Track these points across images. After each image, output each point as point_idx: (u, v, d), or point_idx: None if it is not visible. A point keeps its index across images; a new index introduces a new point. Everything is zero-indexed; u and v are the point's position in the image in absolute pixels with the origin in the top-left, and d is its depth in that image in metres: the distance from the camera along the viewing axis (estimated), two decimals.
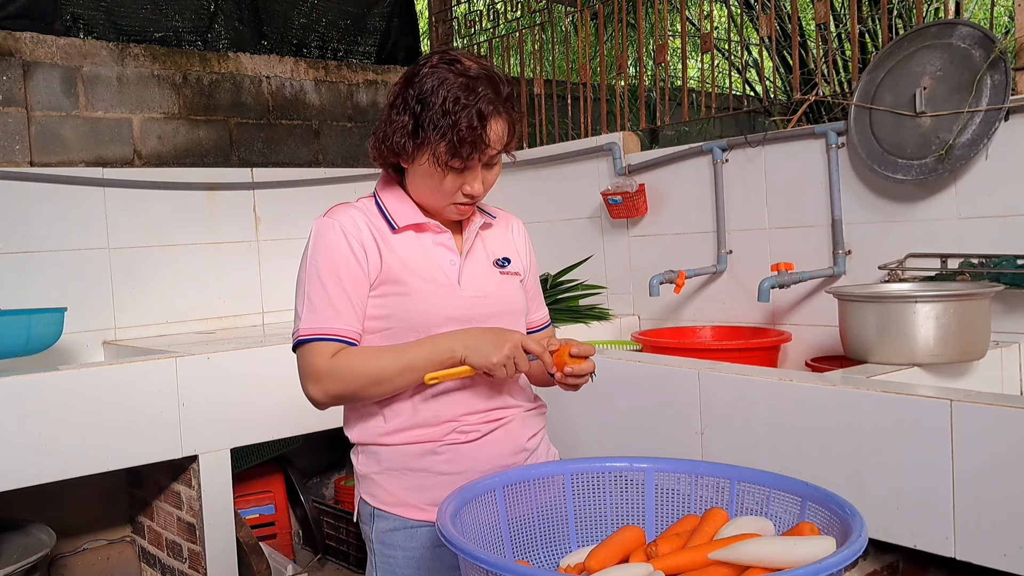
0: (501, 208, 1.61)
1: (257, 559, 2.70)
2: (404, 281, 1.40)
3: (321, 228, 1.43)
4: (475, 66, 1.37)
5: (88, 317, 3.18)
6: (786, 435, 1.80)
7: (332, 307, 1.38)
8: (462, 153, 1.33)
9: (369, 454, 1.45)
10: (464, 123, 1.32)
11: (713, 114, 3.24)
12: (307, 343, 1.38)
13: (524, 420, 1.49)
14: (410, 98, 1.36)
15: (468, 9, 4.09)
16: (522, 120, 1.43)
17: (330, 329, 1.38)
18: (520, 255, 1.56)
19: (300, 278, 1.44)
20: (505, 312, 1.47)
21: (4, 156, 3.12)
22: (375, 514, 1.44)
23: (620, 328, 3.14)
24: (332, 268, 1.39)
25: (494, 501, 1.27)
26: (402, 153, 1.38)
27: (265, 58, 3.80)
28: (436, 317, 1.40)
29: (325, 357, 1.36)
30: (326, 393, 1.38)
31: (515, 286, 1.51)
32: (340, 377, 1.36)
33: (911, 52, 2.40)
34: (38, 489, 2.36)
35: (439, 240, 1.46)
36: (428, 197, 1.42)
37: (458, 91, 1.33)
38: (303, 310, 1.40)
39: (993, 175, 2.28)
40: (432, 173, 1.37)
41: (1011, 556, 1.48)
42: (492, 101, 1.34)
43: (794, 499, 1.18)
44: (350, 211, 1.44)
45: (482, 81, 1.35)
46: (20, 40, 3.18)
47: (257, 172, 3.58)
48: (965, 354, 2.06)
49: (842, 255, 2.59)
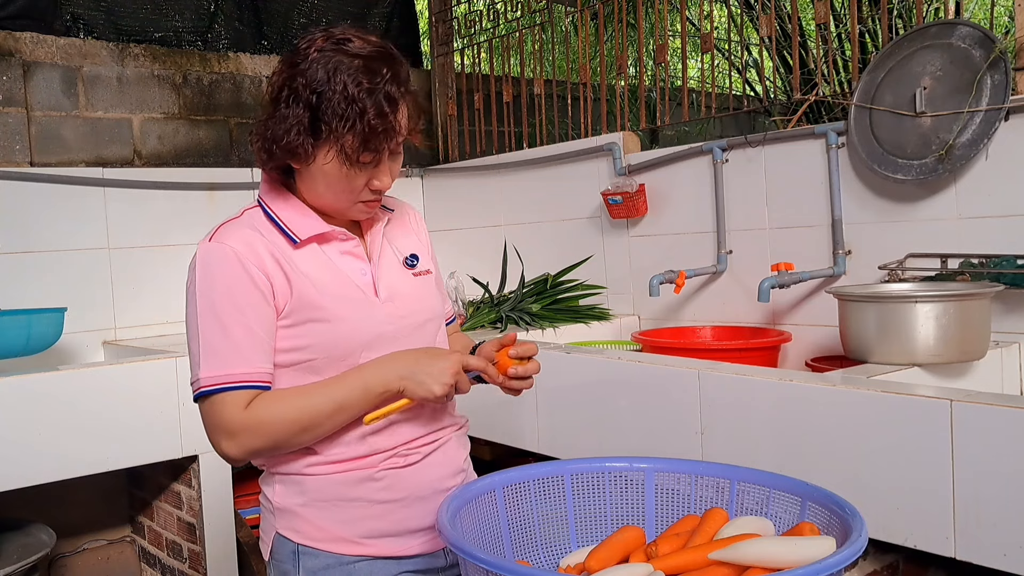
0: (392, 196, 1.42)
1: (257, 559, 2.70)
2: (320, 306, 1.23)
3: (210, 257, 1.22)
4: (368, 46, 1.20)
5: (88, 317, 3.18)
6: (786, 435, 1.80)
7: (236, 350, 1.19)
8: (373, 144, 1.18)
9: (290, 484, 1.28)
10: (373, 111, 1.16)
11: (713, 114, 3.23)
12: (212, 395, 1.20)
13: (459, 439, 1.41)
14: (301, 88, 1.18)
15: (468, 9, 4.08)
16: (420, 98, 1.27)
17: (238, 376, 1.19)
18: (424, 247, 1.42)
19: (190, 317, 1.23)
20: (428, 320, 1.35)
21: (4, 156, 3.12)
22: (300, 552, 1.27)
23: (620, 328, 3.14)
24: (231, 303, 1.20)
25: (494, 501, 1.27)
26: (298, 152, 1.20)
27: (265, 58, 3.80)
28: (361, 340, 1.25)
29: (238, 409, 1.19)
30: (244, 449, 1.20)
31: (430, 288, 1.38)
32: (261, 430, 1.19)
33: (911, 52, 2.40)
34: (38, 489, 2.36)
35: (345, 249, 1.30)
36: (330, 199, 1.25)
37: (359, 75, 1.16)
38: (200, 356, 1.21)
39: (993, 175, 2.28)
40: (337, 171, 1.21)
41: (1011, 556, 1.48)
42: (397, 83, 1.19)
43: (794, 499, 1.18)
44: (241, 231, 1.23)
45: (381, 61, 1.19)
46: (20, 40, 3.18)
47: (257, 172, 3.57)
48: (965, 354, 2.06)
49: (842, 255, 2.59)
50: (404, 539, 1.32)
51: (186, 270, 1.27)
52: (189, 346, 1.24)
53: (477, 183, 3.85)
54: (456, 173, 3.95)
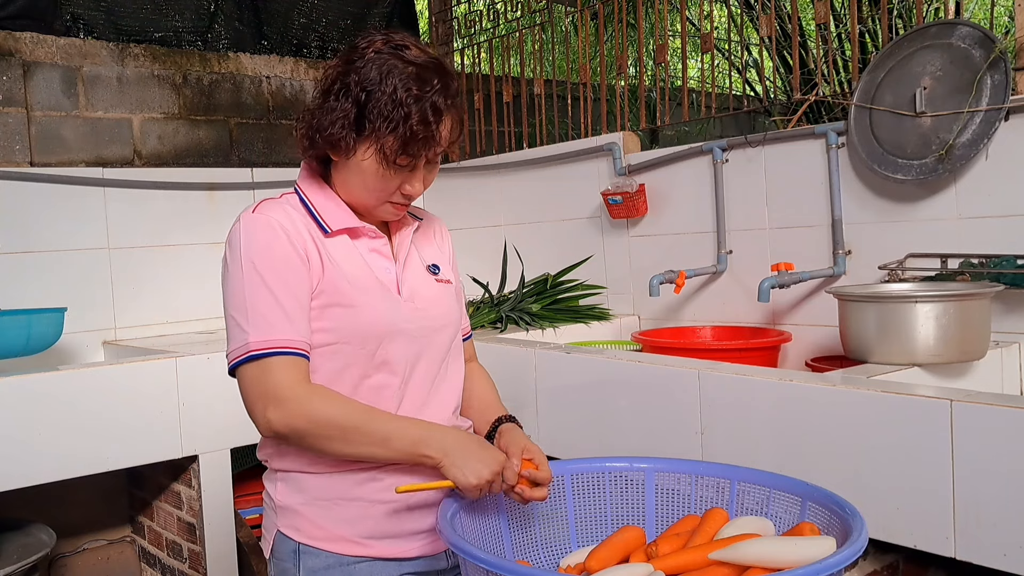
0: (422, 208, 1.48)
1: (257, 559, 2.70)
2: (346, 293, 1.25)
3: (254, 225, 1.24)
4: (424, 56, 1.23)
5: (88, 317, 3.18)
6: (786, 435, 1.80)
7: (285, 315, 1.19)
8: (412, 149, 1.21)
9: (291, 482, 1.29)
10: (417, 117, 1.19)
11: (713, 114, 3.24)
12: (260, 359, 1.18)
13: None
14: (353, 84, 1.21)
15: (468, 9, 4.09)
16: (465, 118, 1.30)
17: (289, 341, 1.19)
18: (447, 259, 1.45)
19: (233, 284, 1.22)
20: (445, 325, 1.36)
21: (4, 156, 3.12)
22: (301, 551, 1.27)
23: (620, 328, 3.14)
24: (277, 270, 1.21)
25: (495, 501, 1.27)
26: (339, 145, 1.23)
27: (265, 58, 3.80)
28: (382, 331, 1.26)
29: (289, 375, 1.17)
30: (287, 421, 1.17)
31: (451, 295, 1.40)
32: (310, 410, 1.17)
33: (911, 52, 2.40)
34: (38, 489, 2.36)
35: (374, 246, 1.32)
36: (362, 195, 1.28)
37: (410, 81, 1.19)
38: (248, 321, 1.19)
39: (993, 175, 2.28)
40: (374, 169, 1.23)
41: (1011, 556, 1.48)
42: (445, 95, 1.22)
43: (794, 499, 1.18)
44: (284, 208, 1.27)
45: (434, 72, 1.22)
46: (20, 40, 3.18)
47: (257, 172, 3.58)
48: (965, 354, 2.06)
49: (842, 255, 2.59)
50: (405, 540, 1.32)
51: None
52: (230, 316, 1.23)
53: (477, 183, 3.85)
54: (456, 173, 3.95)
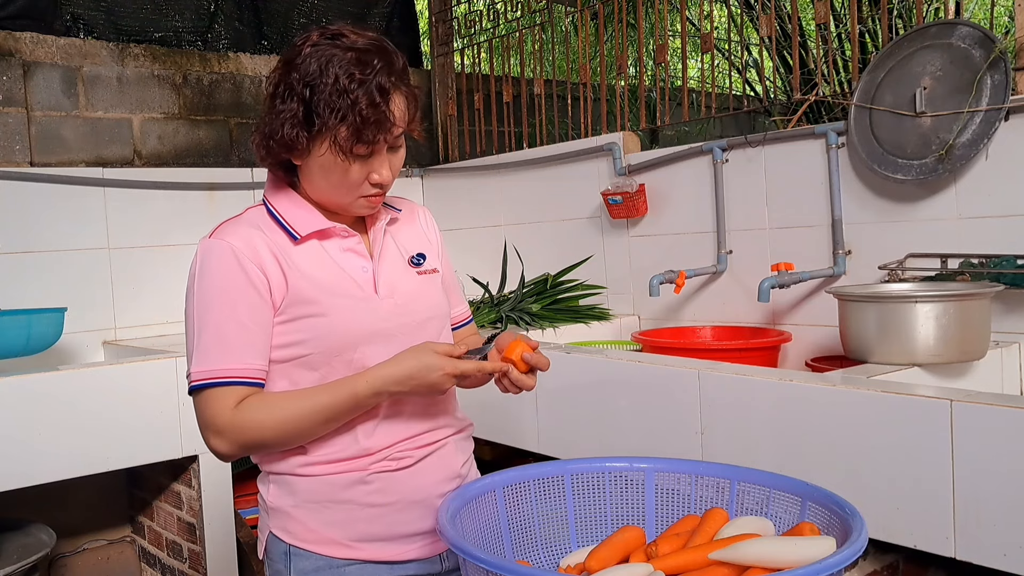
0: (404, 197, 1.46)
1: (257, 559, 2.70)
2: (316, 300, 1.24)
3: (208, 253, 1.23)
4: (362, 39, 1.21)
5: (88, 317, 3.18)
6: (786, 435, 1.80)
7: (226, 346, 1.20)
8: (366, 135, 1.18)
9: (283, 484, 1.29)
10: (364, 100, 1.16)
11: (713, 114, 3.24)
12: (203, 389, 1.20)
13: (458, 444, 1.39)
14: (295, 83, 1.19)
15: (468, 9, 4.08)
16: (419, 95, 1.27)
17: (226, 372, 1.20)
18: (433, 247, 1.42)
19: (187, 312, 1.24)
20: (430, 318, 1.34)
21: (4, 156, 3.12)
22: (292, 552, 1.28)
23: (620, 328, 3.14)
24: (225, 299, 1.21)
25: (494, 501, 1.27)
26: (295, 146, 1.21)
27: (265, 58, 3.80)
28: (357, 335, 1.25)
29: (226, 406, 1.20)
30: (232, 448, 1.21)
31: (435, 286, 1.38)
32: (248, 431, 1.20)
33: (911, 52, 2.40)
34: (38, 489, 2.36)
35: (346, 246, 1.30)
36: (331, 194, 1.26)
37: (351, 67, 1.17)
38: (194, 351, 1.22)
39: (993, 175, 2.28)
40: (334, 164, 1.21)
41: (1011, 556, 1.48)
42: (389, 72, 1.19)
43: (794, 499, 1.18)
44: (241, 228, 1.25)
45: (375, 53, 1.20)
46: (20, 40, 3.18)
47: (257, 172, 3.58)
48: (965, 354, 2.06)
49: (842, 255, 2.59)
50: (397, 544, 1.31)
51: (186, 270, 1.28)
52: (187, 342, 1.25)
53: (477, 183, 3.85)
54: (456, 173, 3.95)
